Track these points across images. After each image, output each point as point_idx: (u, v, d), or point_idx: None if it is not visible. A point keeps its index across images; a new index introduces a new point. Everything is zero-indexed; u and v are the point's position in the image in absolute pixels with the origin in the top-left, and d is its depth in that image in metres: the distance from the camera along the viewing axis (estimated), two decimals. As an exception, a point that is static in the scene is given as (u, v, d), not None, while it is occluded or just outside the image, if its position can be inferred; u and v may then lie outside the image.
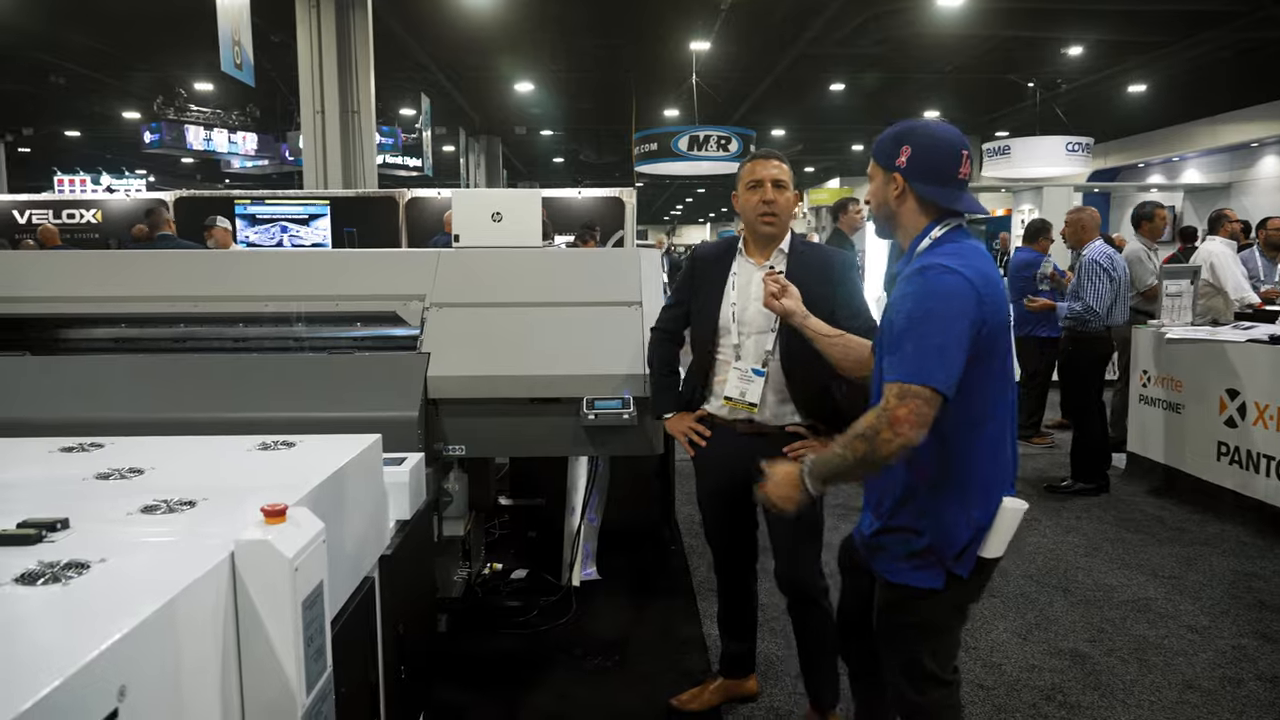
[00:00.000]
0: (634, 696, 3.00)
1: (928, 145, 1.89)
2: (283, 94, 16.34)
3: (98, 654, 0.98)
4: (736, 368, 2.60)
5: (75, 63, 15.34)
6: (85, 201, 9.84)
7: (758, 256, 2.66)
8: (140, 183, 19.40)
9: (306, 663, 1.40)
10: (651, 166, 16.40)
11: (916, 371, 1.73)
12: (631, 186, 10.73)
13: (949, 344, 1.74)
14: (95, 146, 22.90)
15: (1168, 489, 5.31)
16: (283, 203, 9.11)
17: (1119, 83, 16.12)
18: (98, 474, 1.76)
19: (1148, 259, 5.94)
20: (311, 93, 11.36)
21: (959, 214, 1.92)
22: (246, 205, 9.08)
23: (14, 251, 4.06)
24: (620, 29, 13.96)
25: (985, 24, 13.02)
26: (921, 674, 1.96)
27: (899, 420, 1.71)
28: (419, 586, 2.60)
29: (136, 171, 21.55)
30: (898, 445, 1.72)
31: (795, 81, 16.62)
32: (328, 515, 1.62)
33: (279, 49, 13.48)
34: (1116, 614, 3.66)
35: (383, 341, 3.30)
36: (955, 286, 1.77)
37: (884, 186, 1.96)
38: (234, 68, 9.88)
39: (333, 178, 11.32)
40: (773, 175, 2.58)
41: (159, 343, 3.35)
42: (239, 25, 9.98)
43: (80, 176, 17.62)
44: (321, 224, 9.01)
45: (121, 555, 1.29)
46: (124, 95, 17.83)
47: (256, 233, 9.09)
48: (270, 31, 12.93)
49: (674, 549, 4.39)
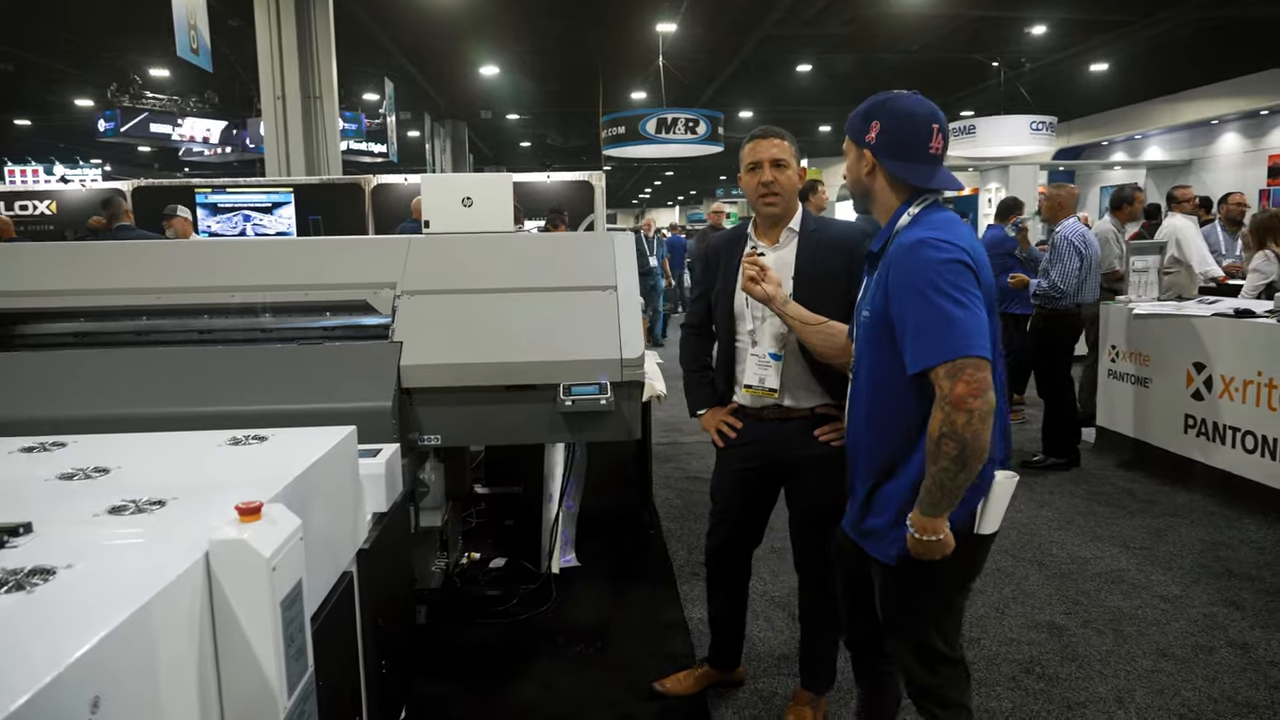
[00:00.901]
0: (617, 683, 2.99)
1: (897, 120, 1.86)
2: (242, 79, 16.00)
3: (68, 665, 0.94)
4: (754, 354, 2.55)
5: (25, 49, 14.91)
6: (38, 192, 9.57)
7: (766, 239, 2.60)
8: (96, 172, 18.96)
9: (287, 664, 1.36)
10: (619, 150, 16.29)
11: (952, 347, 1.69)
12: (600, 170, 10.65)
13: (969, 311, 1.71)
14: (47, 135, 22.28)
15: (1137, 462, 5.39)
16: (245, 191, 8.93)
17: (1082, 61, 16.27)
18: (61, 474, 1.70)
19: (1116, 241, 6.00)
20: (272, 78, 11.13)
21: (935, 190, 1.89)
22: (207, 194, 8.88)
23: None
24: (585, 11, 13.83)
25: (950, 3, 13.07)
26: (933, 655, 1.95)
27: (961, 399, 1.67)
28: (398, 579, 2.56)
29: (91, 161, 21.05)
30: (978, 419, 1.67)
31: (762, 63, 16.59)
32: (304, 511, 1.57)
33: (237, 33, 13.19)
34: (1091, 586, 3.71)
35: (354, 331, 3.24)
36: (950, 256, 1.75)
37: (856, 163, 1.94)
38: (190, 53, 9.65)
39: (295, 165, 11.12)
40: (772, 155, 2.51)
41: (121, 336, 3.26)
42: (195, 9, 9.74)
43: (32, 166, 17.18)
44: (285, 212, 8.84)
45: (89, 559, 1.24)
46: (77, 82, 17.37)
47: (218, 222, 8.90)
48: (228, 15, 12.65)
49: (653, 533, 4.38)
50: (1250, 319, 4.71)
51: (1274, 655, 3.10)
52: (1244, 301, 5.22)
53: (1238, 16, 12.73)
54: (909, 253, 1.78)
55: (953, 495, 1.74)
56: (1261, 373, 4.53)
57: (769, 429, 2.56)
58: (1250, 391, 4.59)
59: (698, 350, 2.79)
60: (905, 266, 1.78)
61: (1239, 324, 4.74)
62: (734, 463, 2.69)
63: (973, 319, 1.71)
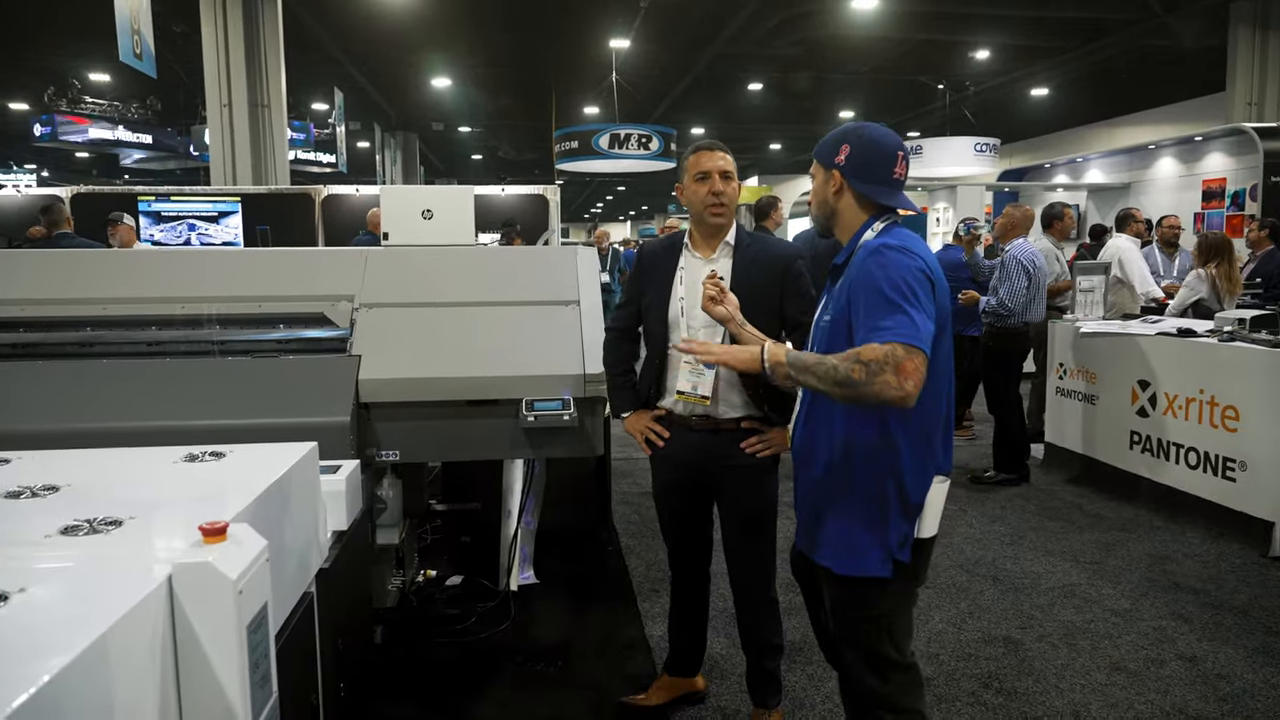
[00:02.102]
0: (578, 702, 2.95)
1: (865, 145, 1.97)
2: (186, 86, 15.65)
3: (22, 702, 0.88)
4: (687, 362, 2.57)
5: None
6: (-29, 197, 9.22)
7: (704, 250, 2.63)
8: (31, 178, 18.36)
9: (252, 690, 1.30)
10: (572, 164, 16.32)
11: (913, 335, 1.73)
12: (554, 184, 10.63)
13: (921, 313, 1.77)
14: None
15: (1085, 477, 5.51)
16: (190, 199, 8.70)
17: (1024, 85, 16.77)
18: (7, 492, 1.61)
19: (1057, 259, 6.16)
20: (218, 86, 10.92)
21: (894, 210, 1.99)
22: (151, 202, 8.63)
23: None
24: (539, 26, 13.84)
25: (898, 27, 13.37)
26: (883, 662, 1.99)
27: (906, 372, 1.70)
28: (357, 599, 2.49)
29: (25, 166, 20.38)
30: (892, 395, 1.70)
31: (714, 80, 16.77)
32: (267, 530, 1.52)
33: (182, 39, 12.92)
34: (1044, 600, 3.76)
35: (310, 344, 3.16)
36: (913, 264, 1.83)
37: (824, 184, 2.03)
38: (134, 58, 9.41)
39: (242, 174, 10.90)
40: (720, 166, 2.56)
41: (64, 348, 3.13)
42: (139, 13, 9.51)
43: (-36, 171, 16.55)
44: (232, 222, 8.64)
45: (42, 584, 1.17)
46: (10, 85, 16.82)
47: (162, 231, 8.66)
48: (172, 21, 12.37)
49: (611, 550, 4.35)
50: (1193, 338, 4.85)
51: (1221, 668, 3.17)
52: (1186, 321, 5.38)
53: (1172, 46, 13.24)
54: (871, 255, 1.86)
55: (807, 382, 1.84)
56: (1203, 390, 4.67)
57: (697, 439, 2.58)
58: (1193, 409, 4.73)
59: (623, 354, 2.79)
60: (866, 268, 1.84)
61: (1182, 343, 4.88)
62: (665, 472, 2.72)
63: (922, 320, 1.76)
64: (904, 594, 2.00)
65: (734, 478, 2.60)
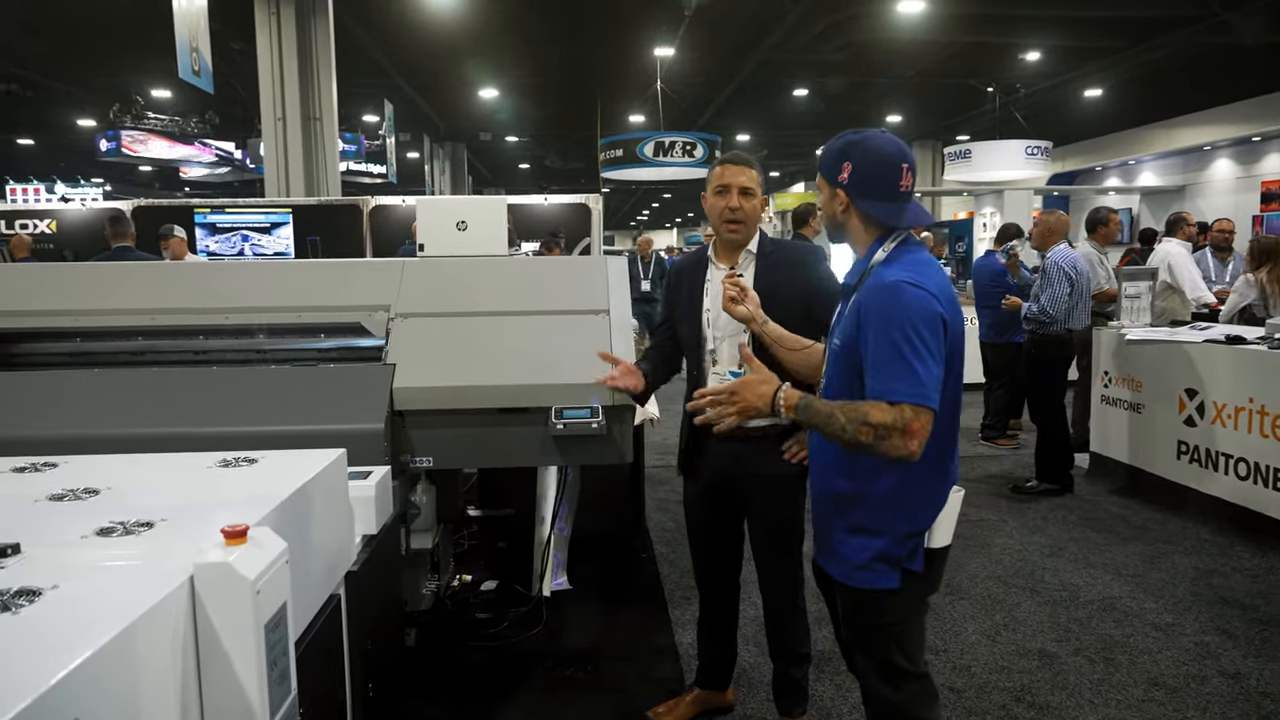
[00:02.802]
0: (607, 708, 2.98)
1: (868, 161, 1.92)
2: (243, 101, 16.10)
3: (50, 686, 0.95)
4: (715, 373, 2.60)
5: (28, 69, 15.02)
6: (40, 211, 9.61)
7: (726, 260, 2.66)
8: (96, 191, 19.03)
9: (270, 687, 1.36)
10: (617, 172, 16.41)
11: (922, 394, 1.76)
12: (598, 192, 10.71)
13: (928, 366, 1.78)
14: (49, 155, 22.39)
15: (1130, 488, 5.39)
16: (244, 211, 8.97)
17: (1076, 87, 16.42)
18: (51, 495, 1.70)
19: (1100, 263, 6.04)
20: (272, 99, 11.22)
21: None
22: (207, 214, 8.92)
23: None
24: (583, 35, 13.96)
25: (946, 30, 13.20)
26: (895, 672, 1.99)
27: (913, 434, 1.75)
28: (386, 602, 2.56)
29: (93, 180, 21.13)
30: (900, 455, 1.76)
31: (759, 87, 16.73)
32: (291, 533, 1.58)
33: (239, 55, 13.30)
34: (1082, 613, 3.70)
35: (347, 353, 3.25)
36: (926, 304, 1.82)
37: (830, 201, 2.00)
38: (192, 74, 9.72)
39: (295, 185, 11.18)
40: (740, 182, 2.57)
41: (117, 357, 3.27)
42: (196, 31, 9.83)
43: (34, 185, 17.23)
44: (284, 232, 8.88)
45: (75, 580, 1.25)
46: (79, 102, 17.47)
47: (217, 242, 8.93)
48: (230, 38, 12.75)
49: (645, 556, 4.38)
50: (1242, 345, 4.73)
51: (1266, 685, 3.09)
52: (1236, 328, 5.25)
53: (1230, 44, 12.87)
54: (887, 292, 1.83)
55: (819, 429, 1.87)
56: (1253, 399, 4.55)
57: (725, 447, 2.60)
58: (1242, 418, 4.61)
59: (655, 364, 2.84)
60: (882, 306, 1.83)
61: (1231, 350, 4.76)
62: (693, 482, 2.76)
63: (929, 374, 1.78)
64: (915, 604, 2.00)
65: (762, 487, 2.61)
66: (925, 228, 5.64)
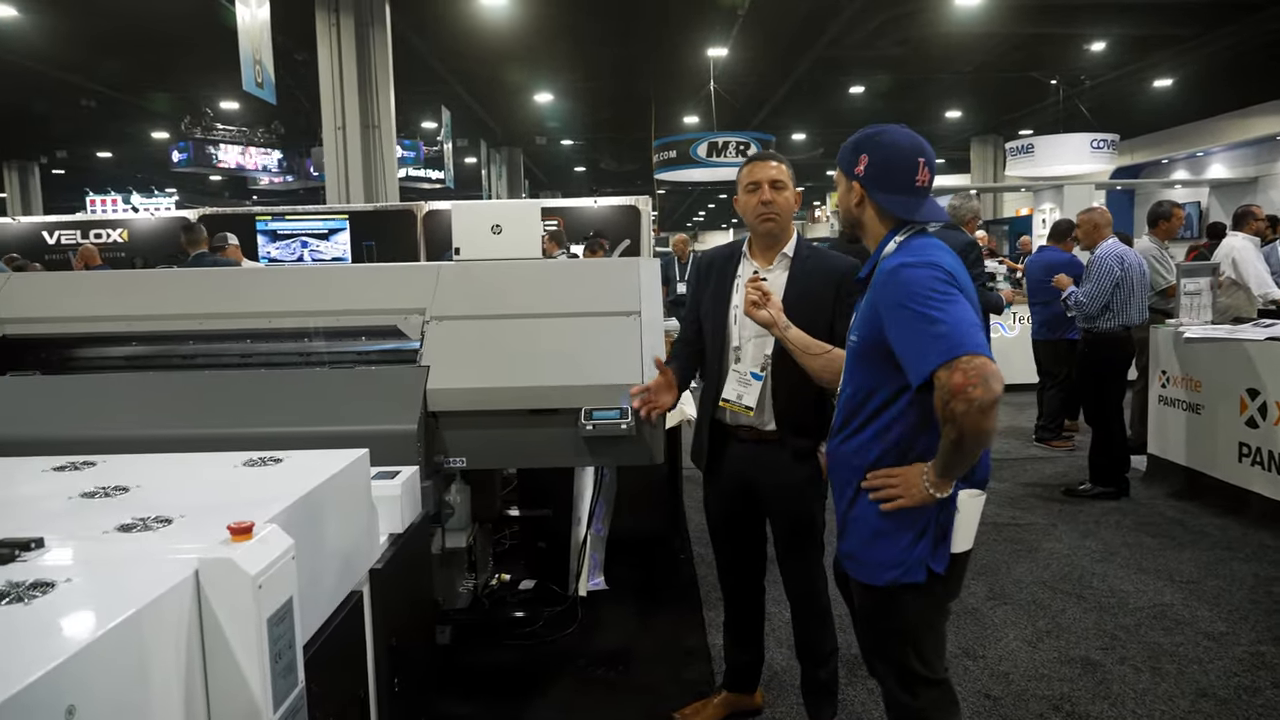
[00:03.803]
0: (635, 708, 3.00)
1: (885, 154, 1.92)
2: (306, 111, 16.57)
3: (42, 674, 1.00)
4: (736, 370, 2.60)
5: (105, 85, 15.68)
6: (112, 221, 10.06)
7: (761, 259, 2.65)
8: (169, 201, 19.75)
9: (274, 678, 1.41)
10: (671, 174, 16.46)
11: (946, 348, 1.71)
12: (649, 194, 10.74)
13: (954, 313, 1.74)
14: (126, 167, 23.36)
15: (1189, 491, 5.20)
16: (303, 218, 9.24)
17: (1144, 78, 15.91)
18: (83, 493, 1.79)
19: (1159, 260, 5.84)
20: (333, 109, 11.53)
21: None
22: (268, 221, 9.21)
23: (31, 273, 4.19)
24: (636, 38, 14.01)
25: (1006, 22, 12.92)
26: (912, 677, 1.97)
27: (958, 388, 1.67)
28: (414, 598, 2.61)
29: (166, 190, 21.95)
30: (976, 409, 1.67)
31: (814, 85, 16.59)
32: (305, 530, 1.64)
33: (303, 67, 13.69)
34: (1130, 620, 3.59)
35: (383, 355, 3.32)
36: (928, 274, 1.80)
37: (846, 194, 2.01)
38: (255, 86, 10.05)
39: (355, 192, 11.47)
40: (770, 176, 2.56)
41: (170, 360, 3.40)
42: (259, 44, 10.15)
43: (111, 196, 17.99)
44: (341, 238, 9.13)
45: (88, 574, 1.31)
46: (152, 116, 18.18)
47: (278, 248, 9.22)
48: (294, 50, 13.13)
49: (683, 558, 4.38)
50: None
51: (1323, 696, 2.97)
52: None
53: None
54: (890, 277, 1.83)
55: (955, 470, 1.80)
56: (1319, 400, 4.36)
57: (744, 450, 2.60)
58: (1307, 419, 4.42)
59: (682, 362, 2.82)
60: (888, 290, 1.83)
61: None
62: (713, 483, 2.75)
63: (959, 321, 1.73)
64: (933, 608, 1.97)
65: (782, 487, 2.60)
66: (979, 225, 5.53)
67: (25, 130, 18.96)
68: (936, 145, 25.08)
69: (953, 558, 1.91)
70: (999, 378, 1.69)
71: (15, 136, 19.56)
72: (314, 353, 3.34)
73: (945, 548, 1.89)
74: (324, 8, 11.22)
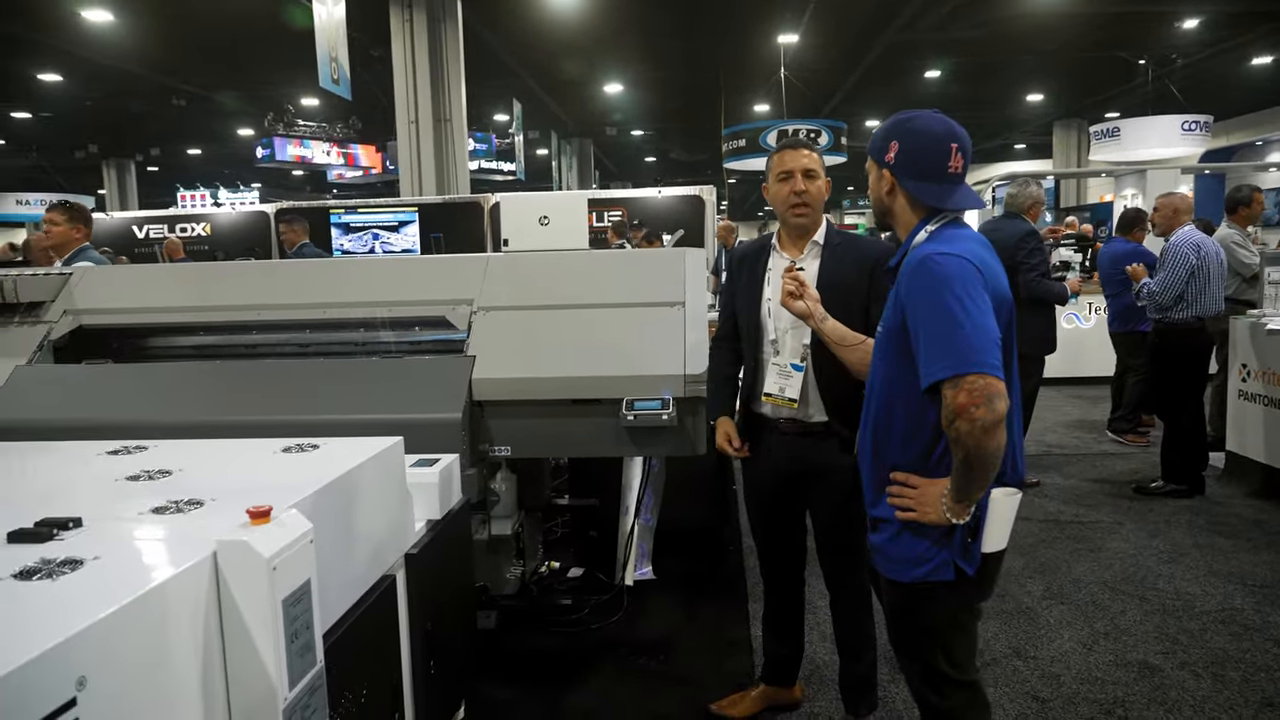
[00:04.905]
0: (674, 698, 3.01)
1: (916, 141, 1.88)
2: (382, 106, 16.97)
3: (54, 645, 1.06)
4: (775, 363, 2.59)
5: (194, 85, 16.34)
6: (196, 216, 10.50)
7: (791, 250, 2.63)
8: (252, 195, 20.48)
9: (290, 657, 1.46)
10: (740, 163, 16.33)
11: (956, 362, 1.69)
12: (713, 185, 10.69)
13: (975, 319, 1.70)
14: (214, 163, 24.33)
15: (1269, 491, 4.95)
16: (374, 211, 9.48)
17: (1241, 55, 15.11)
18: (129, 475, 1.88)
19: (1240, 247, 5.56)
20: (406, 103, 11.79)
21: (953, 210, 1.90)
22: (341, 214, 9.47)
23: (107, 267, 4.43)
24: (706, 29, 13.92)
25: (1090, 0, 12.42)
26: (941, 678, 1.93)
27: (962, 408, 1.66)
28: (452, 583, 2.67)
29: (251, 185, 22.77)
30: (980, 429, 1.65)
31: (887, 70, 16.24)
32: (332, 515, 1.70)
33: (379, 63, 14.02)
34: (1195, 625, 3.45)
35: (432, 345, 3.40)
36: (956, 267, 1.75)
37: (877, 182, 1.96)
38: (331, 83, 10.35)
39: (427, 185, 11.71)
40: (803, 165, 2.54)
41: (232, 349, 3.55)
42: (336, 42, 10.44)
43: (200, 191, 18.74)
44: (410, 230, 9.34)
45: (115, 553, 1.38)
46: (238, 114, 18.87)
47: (350, 240, 9.48)
48: (371, 46, 13.45)
49: (732, 549, 4.37)
50: (1402, 336, 4.26)
51: (1400, 710, 2.80)
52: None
53: None
54: (918, 267, 1.79)
55: (968, 491, 1.76)
56: None
57: (786, 441, 2.57)
58: (1400, 417, 4.16)
59: (721, 360, 2.82)
60: (915, 281, 1.79)
61: (1389, 342, 4.30)
62: (753, 475, 2.73)
63: (978, 330, 1.69)
64: (962, 608, 1.92)
65: (820, 480, 2.58)
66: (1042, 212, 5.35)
67: (122, 129, 19.92)
68: (1017, 130, 24.10)
69: (984, 557, 1.85)
70: (1004, 397, 1.67)
71: (113, 136, 20.58)
72: (366, 342, 3.44)
73: (976, 546, 1.84)
74: (398, 4, 11.46)
